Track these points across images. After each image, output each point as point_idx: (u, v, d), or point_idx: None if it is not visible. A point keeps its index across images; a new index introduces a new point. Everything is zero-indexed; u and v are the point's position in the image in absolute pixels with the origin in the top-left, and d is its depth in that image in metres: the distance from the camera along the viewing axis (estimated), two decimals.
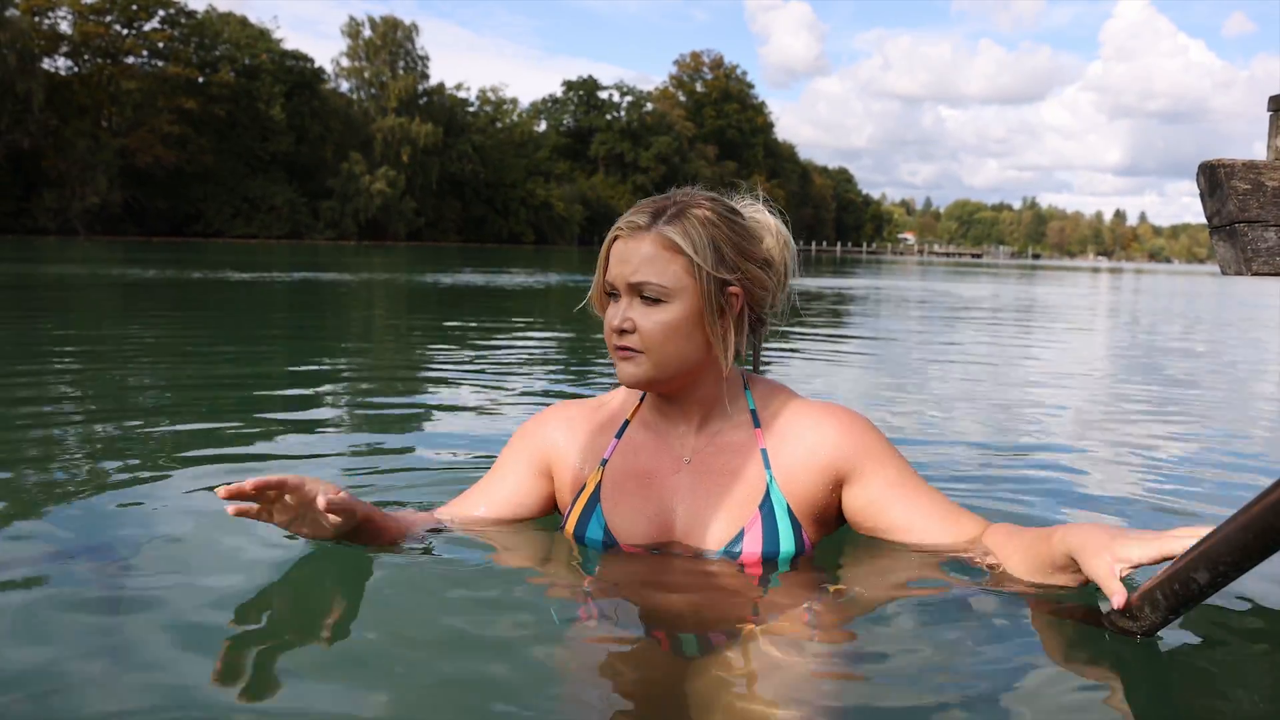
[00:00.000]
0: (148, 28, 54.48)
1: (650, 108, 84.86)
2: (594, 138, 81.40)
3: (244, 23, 58.72)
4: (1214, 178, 1.08)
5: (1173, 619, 1.20)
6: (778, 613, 1.35)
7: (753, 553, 1.46)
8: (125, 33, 53.90)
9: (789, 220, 1.57)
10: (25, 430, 2.71)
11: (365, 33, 67.10)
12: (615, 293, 1.45)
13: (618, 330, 1.42)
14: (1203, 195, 1.11)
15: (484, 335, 6.49)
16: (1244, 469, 2.80)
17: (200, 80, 54.99)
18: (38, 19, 49.82)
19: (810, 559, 1.49)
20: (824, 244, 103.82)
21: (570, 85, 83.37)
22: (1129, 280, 32.19)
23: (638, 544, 1.51)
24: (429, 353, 5.44)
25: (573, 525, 1.54)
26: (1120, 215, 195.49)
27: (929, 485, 1.53)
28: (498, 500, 1.60)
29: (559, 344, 6.16)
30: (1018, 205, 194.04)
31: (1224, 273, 1.10)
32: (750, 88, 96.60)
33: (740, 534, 1.46)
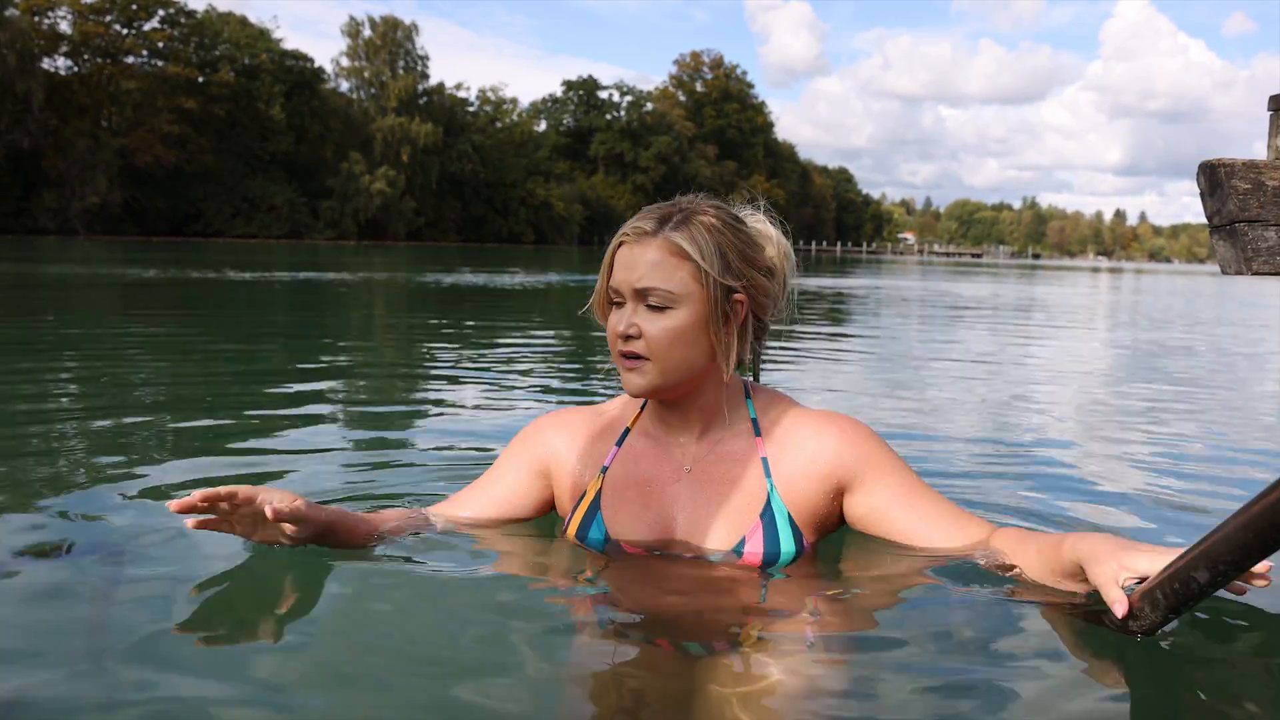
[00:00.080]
0: (147, 27, 54.51)
1: (650, 107, 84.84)
2: (594, 137, 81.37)
3: (244, 22, 58.72)
4: (1214, 177, 1.08)
5: (1173, 618, 1.20)
6: (780, 614, 1.35)
7: (753, 561, 1.46)
8: (125, 32, 53.91)
9: (789, 229, 1.57)
10: (25, 426, 2.71)
11: (365, 32, 67.15)
12: (619, 300, 1.44)
13: (623, 335, 1.42)
14: (1203, 195, 1.11)
15: (484, 334, 6.49)
16: (1244, 468, 2.80)
17: (200, 80, 55.00)
18: (37, 19, 49.84)
19: (811, 560, 1.49)
20: (824, 244, 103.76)
21: (570, 85, 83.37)
22: (1129, 280, 32.19)
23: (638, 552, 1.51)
24: (428, 351, 5.43)
25: (573, 532, 1.54)
26: (1120, 215, 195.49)
27: (934, 490, 1.52)
28: (494, 500, 1.59)
29: (559, 342, 6.16)
30: (1018, 205, 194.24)
31: (1224, 272, 1.10)
32: (750, 87, 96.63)
33: (741, 542, 1.46)
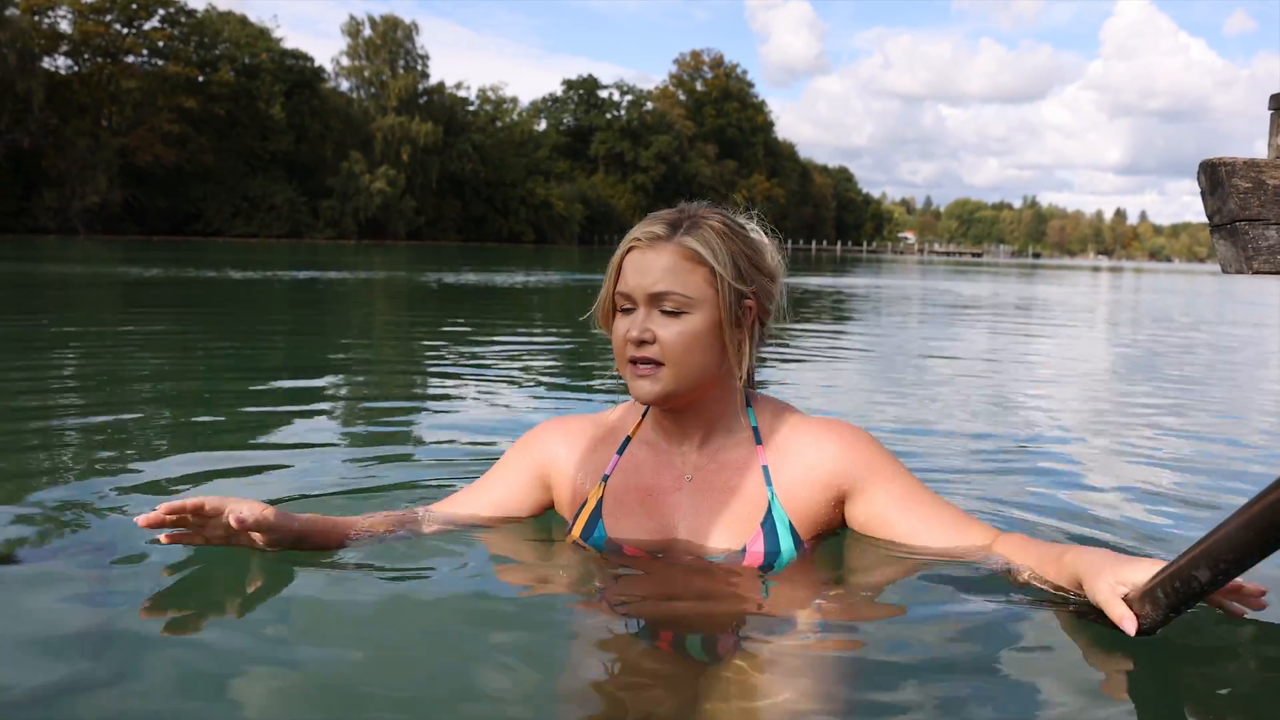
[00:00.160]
0: (148, 27, 54.51)
1: (650, 107, 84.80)
2: (594, 137, 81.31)
3: (244, 22, 58.72)
4: (1215, 176, 1.07)
5: (1173, 617, 1.20)
6: (781, 616, 1.35)
7: (754, 569, 1.47)
8: (125, 32, 53.90)
9: (781, 237, 1.57)
10: (25, 423, 2.71)
11: (365, 32, 67.16)
12: (629, 306, 1.43)
13: (637, 341, 1.40)
14: (1203, 194, 1.11)
15: (484, 333, 6.49)
16: (1245, 467, 2.80)
17: (200, 79, 54.99)
18: (38, 18, 49.83)
19: (812, 563, 1.49)
20: (824, 243, 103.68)
21: (570, 84, 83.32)
22: (1129, 279, 32.18)
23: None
24: (428, 349, 5.43)
25: (575, 539, 1.55)
26: (1121, 214, 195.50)
27: (936, 496, 1.52)
28: (492, 502, 1.60)
29: (559, 341, 6.16)
30: (1018, 204, 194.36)
31: (1225, 271, 1.10)
32: (750, 86, 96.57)
33: (742, 550, 1.47)
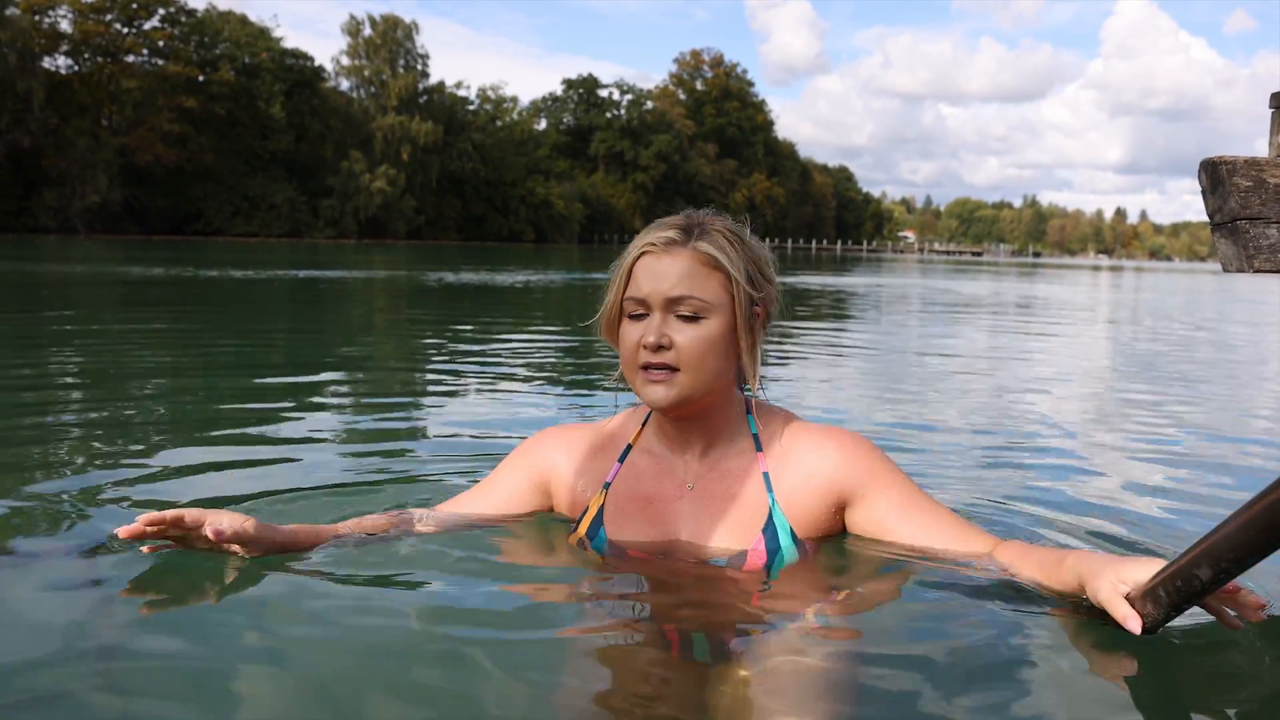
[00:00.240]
0: (148, 26, 54.55)
1: (650, 106, 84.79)
2: (594, 136, 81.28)
3: (244, 21, 58.73)
4: (1216, 175, 1.08)
5: (1175, 615, 1.20)
6: (783, 618, 1.35)
7: (756, 574, 1.47)
8: (125, 31, 53.91)
9: (783, 240, 1.57)
10: (25, 419, 2.71)
11: (365, 31, 67.19)
12: (640, 312, 1.42)
13: (654, 346, 1.39)
14: (1204, 192, 1.11)
15: (484, 331, 6.49)
16: (1246, 465, 2.80)
17: (200, 79, 55.02)
18: (38, 18, 49.86)
19: (813, 566, 1.49)
20: (824, 242, 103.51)
21: (570, 83, 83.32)
22: (1130, 278, 32.18)
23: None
24: (428, 348, 5.43)
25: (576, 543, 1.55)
26: (1121, 213, 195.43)
27: (936, 503, 1.53)
28: (491, 506, 1.61)
29: (559, 340, 6.16)
30: (1018, 203, 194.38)
31: (1225, 270, 1.10)
32: (750, 86, 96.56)
33: (744, 556, 1.47)
